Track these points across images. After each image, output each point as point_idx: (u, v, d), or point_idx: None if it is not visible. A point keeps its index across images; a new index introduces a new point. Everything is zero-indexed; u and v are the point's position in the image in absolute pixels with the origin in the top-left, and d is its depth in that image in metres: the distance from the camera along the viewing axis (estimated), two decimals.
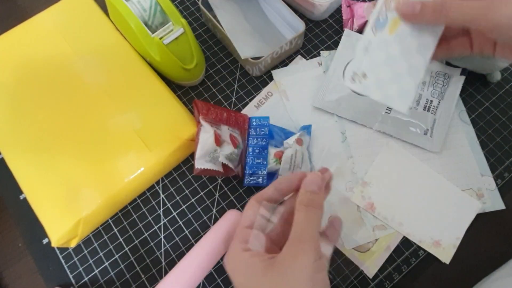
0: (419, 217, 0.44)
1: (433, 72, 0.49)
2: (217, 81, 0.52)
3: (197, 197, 0.46)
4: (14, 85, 0.47)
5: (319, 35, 0.54)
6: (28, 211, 0.43)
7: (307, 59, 0.53)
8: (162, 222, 0.45)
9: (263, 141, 0.44)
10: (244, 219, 0.31)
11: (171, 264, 0.42)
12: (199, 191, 0.46)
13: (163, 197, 0.46)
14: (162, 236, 0.44)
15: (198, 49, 0.48)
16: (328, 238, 0.32)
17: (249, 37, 0.53)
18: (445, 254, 0.42)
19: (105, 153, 0.43)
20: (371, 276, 0.42)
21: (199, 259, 0.39)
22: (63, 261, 0.44)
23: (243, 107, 0.50)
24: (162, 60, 0.46)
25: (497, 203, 0.44)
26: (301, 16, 0.55)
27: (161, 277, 0.42)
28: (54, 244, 0.40)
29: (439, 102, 0.48)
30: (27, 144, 0.44)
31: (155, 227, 0.45)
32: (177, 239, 0.44)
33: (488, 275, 0.40)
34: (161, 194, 0.46)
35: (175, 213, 0.45)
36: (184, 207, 0.45)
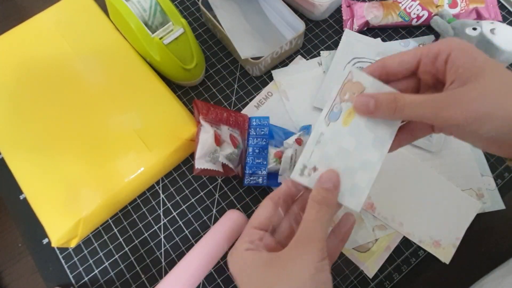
0: (419, 217, 0.44)
1: None
2: (217, 81, 0.52)
3: (197, 197, 0.46)
4: (14, 85, 0.47)
5: (319, 35, 0.54)
6: (28, 211, 0.43)
7: (307, 59, 0.53)
8: (162, 222, 0.45)
9: (263, 141, 0.44)
10: (254, 219, 0.31)
11: (171, 264, 0.42)
12: (199, 191, 0.46)
13: (163, 197, 0.46)
14: (162, 236, 0.44)
15: (198, 49, 0.49)
16: (337, 236, 0.31)
17: (249, 37, 0.53)
18: (445, 254, 0.42)
19: (105, 153, 0.43)
20: (371, 276, 0.42)
21: (199, 259, 0.39)
22: (63, 261, 0.44)
23: (243, 107, 0.50)
24: (162, 60, 0.46)
25: (497, 203, 0.44)
26: (301, 16, 0.55)
27: (161, 277, 0.42)
28: (54, 244, 0.40)
29: None
30: (27, 144, 0.44)
31: (155, 227, 0.45)
32: (177, 239, 0.44)
33: (487, 274, 0.40)
34: (161, 194, 0.46)
35: (175, 213, 0.45)
36: (184, 207, 0.45)
